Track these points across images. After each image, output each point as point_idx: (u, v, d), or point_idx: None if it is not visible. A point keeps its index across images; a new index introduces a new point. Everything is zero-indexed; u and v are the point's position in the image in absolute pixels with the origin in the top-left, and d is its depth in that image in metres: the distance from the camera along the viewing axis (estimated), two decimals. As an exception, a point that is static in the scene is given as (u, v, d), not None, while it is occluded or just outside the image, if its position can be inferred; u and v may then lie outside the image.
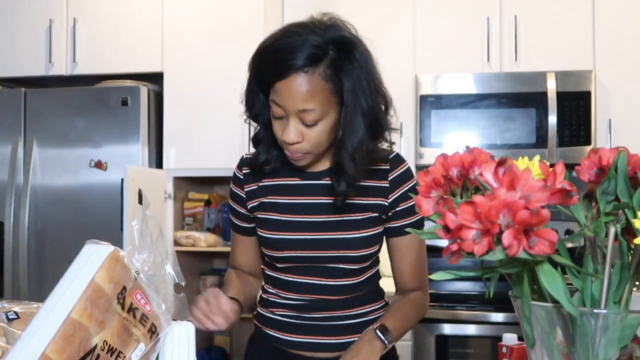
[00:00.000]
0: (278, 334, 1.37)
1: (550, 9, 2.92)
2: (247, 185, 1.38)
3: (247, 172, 1.38)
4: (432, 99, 2.88)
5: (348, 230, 1.30)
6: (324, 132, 1.21)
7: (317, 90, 1.16)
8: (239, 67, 2.90)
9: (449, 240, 0.60)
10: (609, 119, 2.84)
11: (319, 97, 1.17)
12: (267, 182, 1.36)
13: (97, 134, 2.92)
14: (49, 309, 0.77)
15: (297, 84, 1.16)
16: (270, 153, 1.32)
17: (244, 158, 1.41)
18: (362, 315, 1.36)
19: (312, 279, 1.33)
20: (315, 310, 1.34)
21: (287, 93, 1.17)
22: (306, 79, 1.16)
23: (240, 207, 1.40)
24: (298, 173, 1.34)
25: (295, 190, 1.34)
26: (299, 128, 1.20)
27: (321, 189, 1.32)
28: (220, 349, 3.19)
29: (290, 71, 1.15)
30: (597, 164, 0.67)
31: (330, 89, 1.18)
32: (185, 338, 0.94)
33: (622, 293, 0.65)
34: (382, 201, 1.32)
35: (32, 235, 2.96)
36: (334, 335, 1.34)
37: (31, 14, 3.13)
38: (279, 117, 1.22)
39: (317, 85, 1.16)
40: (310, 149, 1.23)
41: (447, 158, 0.66)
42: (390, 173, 1.32)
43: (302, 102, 1.16)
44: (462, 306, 2.59)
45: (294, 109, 1.18)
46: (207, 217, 3.17)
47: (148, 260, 0.88)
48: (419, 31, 3.00)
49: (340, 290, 1.33)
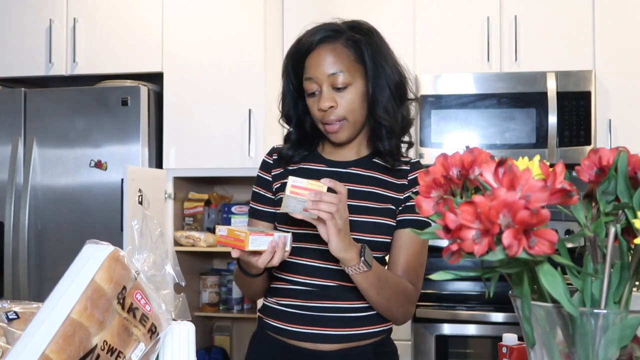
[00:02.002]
0: (281, 324, 1.39)
1: (550, 9, 2.92)
2: (274, 170, 1.47)
3: (277, 158, 1.48)
4: (432, 99, 2.88)
5: (363, 214, 1.37)
6: (355, 98, 1.35)
7: (342, 56, 1.35)
8: (239, 67, 2.94)
9: (449, 240, 0.60)
10: (609, 119, 2.84)
11: (345, 62, 1.34)
12: (294, 167, 1.46)
13: (97, 134, 2.92)
14: (49, 309, 0.77)
15: (323, 52, 1.35)
16: (296, 151, 1.45)
17: (275, 147, 1.51)
18: (364, 310, 1.37)
19: (320, 263, 1.36)
20: (319, 298, 1.36)
21: (316, 62, 1.35)
22: (330, 47, 1.35)
23: (266, 190, 1.47)
24: (325, 162, 1.45)
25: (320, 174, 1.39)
26: (331, 94, 1.34)
27: (346, 177, 1.41)
28: (220, 349, 3.19)
29: (314, 45, 1.36)
30: (597, 164, 0.67)
31: (353, 56, 1.35)
32: (185, 338, 0.94)
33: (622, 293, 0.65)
34: (399, 195, 1.41)
35: (32, 235, 2.96)
36: (336, 327, 1.36)
37: (31, 14, 3.13)
38: (312, 93, 1.36)
39: (340, 52, 1.35)
40: (344, 114, 1.35)
41: (447, 158, 0.66)
42: (410, 173, 1.43)
43: (331, 66, 1.34)
44: (462, 306, 2.59)
45: (325, 74, 1.34)
46: (207, 217, 3.17)
47: (148, 260, 0.88)
48: (419, 31, 3.00)
49: (346, 277, 1.34)
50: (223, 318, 3.31)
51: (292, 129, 1.47)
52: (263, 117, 2.89)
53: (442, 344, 2.58)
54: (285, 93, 1.45)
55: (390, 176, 1.42)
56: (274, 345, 1.41)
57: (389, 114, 1.37)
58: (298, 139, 1.46)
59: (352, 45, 1.36)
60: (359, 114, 1.37)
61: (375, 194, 1.40)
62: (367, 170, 1.42)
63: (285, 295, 1.40)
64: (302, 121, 1.45)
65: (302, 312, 1.37)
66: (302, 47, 1.37)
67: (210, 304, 3.17)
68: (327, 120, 1.36)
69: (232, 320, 3.34)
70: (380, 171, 1.42)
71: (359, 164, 1.43)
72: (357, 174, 1.42)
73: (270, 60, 2.93)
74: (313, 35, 1.36)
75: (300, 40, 1.39)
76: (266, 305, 1.46)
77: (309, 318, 1.37)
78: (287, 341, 1.39)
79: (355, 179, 1.41)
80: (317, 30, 1.37)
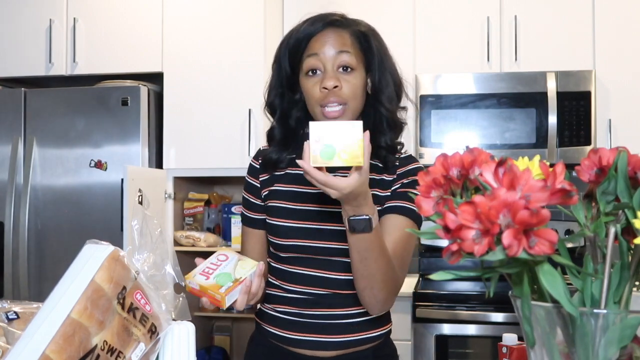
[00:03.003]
0: (279, 331, 1.38)
1: (550, 9, 2.92)
2: (262, 175, 1.42)
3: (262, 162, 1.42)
4: (432, 99, 2.88)
5: None
6: (358, 85, 1.30)
7: (350, 41, 1.31)
8: (239, 67, 2.94)
9: (449, 240, 0.60)
10: (609, 119, 2.84)
11: (353, 47, 1.31)
12: (281, 172, 1.40)
13: (97, 134, 2.92)
14: (49, 309, 0.77)
15: (332, 33, 1.31)
16: (281, 153, 1.38)
17: (260, 150, 1.45)
18: (361, 315, 1.36)
19: (313, 271, 1.34)
20: (316, 306, 1.35)
21: (325, 39, 1.30)
22: (338, 31, 1.32)
23: (255, 197, 1.43)
24: None
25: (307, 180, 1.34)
26: (336, 74, 1.29)
27: None
28: (220, 349, 3.19)
29: (324, 26, 1.31)
30: (597, 164, 0.67)
31: (359, 45, 1.32)
32: (185, 338, 0.94)
33: (622, 293, 0.65)
34: (387, 193, 1.35)
35: (32, 235, 2.96)
36: (334, 333, 1.34)
37: (31, 14, 3.13)
38: (314, 71, 1.30)
39: (347, 38, 1.32)
40: (347, 96, 1.29)
41: (447, 158, 0.66)
42: (400, 168, 1.37)
43: (340, 45, 1.30)
44: (462, 306, 2.59)
45: (333, 50, 1.29)
46: (207, 217, 3.17)
47: (148, 260, 0.88)
48: (419, 31, 3.00)
49: (341, 285, 1.33)
50: (223, 318, 3.31)
51: (275, 125, 1.40)
52: (263, 117, 2.87)
53: (442, 344, 2.57)
54: (273, 83, 1.39)
55: (382, 173, 1.37)
56: (273, 351, 1.39)
57: (392, 104, 1.34)
58: (282, 137, 1.39)
59: (359, 35, 1.33)
60: (360, 103, 1.32)
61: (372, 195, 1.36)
62: None
63: (282, 302, 1.38)
64: (287, 116, 1.38)
65: (299, 320, 1.36)
66: (304, 32, 1.32)
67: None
68: (327, 102, 1.28)
69: (232, 320, 3.34)
70: (374, 171, 1.36)
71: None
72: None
73: (270, 60, 2.91)
74: (317, 22, 1.32)
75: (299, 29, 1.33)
76: (263, 311, 1.44)
77: (306, 325, 1.35)
78: (285, 347, 1.37)
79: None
80: (319, 17, 1.33)
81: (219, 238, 3.05)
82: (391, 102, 1.33)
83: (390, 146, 1.36)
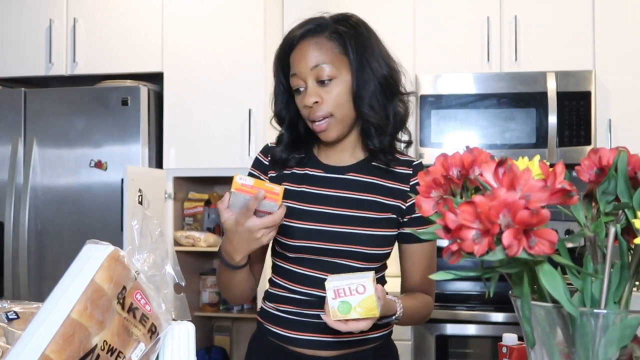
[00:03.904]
0: (280, 330, 1.38)
1: (550, 9, 2.92)
2: (270, 172, 1.42)
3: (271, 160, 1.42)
4: (432, 99, 2.88)
5: (362, 226, 1.32)
6: (342, 92, 1.30)
7: (326, 48, 1.30)
8: (239, 67, 2.94)
9: (449, 240, 0.60)
10: (609, 119, 2.84)
11: (329, 54, 1.29)
12: (287, 170, 1.40)
13: (97, 134, 2.92)
14: (49, 309, 0.77)
15: (305, 46, 1.31)
16: (289, 154, 1.39)
17: (268, 146, 1.44)
18: None
19: (320, 273, 1.34)
20: (317, 307, 1.34)
21: (300, 57, 1.31)
22: (313, 41, 1.31)
23: None
24: (322, 166, 1.39)
25: (317, 181, 1.37)
26: (316, 89, 1.29)
27: (343, 183, 1.36)
28: (220, 349, 3.19)
29: (297, 39, 1.32)
30: (597, 164, 0.67)
31: (338, 48, 1.30)
32: (185, 338, 0.94)
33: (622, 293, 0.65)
34: (401, 204, 1.36)
35: (32, 235, 2.96)
36: (335, 333, 1.34)
37: (31, 14, 3.13)
38: (298, 89, 1.32)
39: (324, 44, 1.30)
40: (330, 109, 1.29)
41: (447, 158, 0.66)
42: (413, 178, 1.37)
43: (314, 59, 1.29)
44: (462, 306, 2.59)
45: (308, 67, 1.29)
46: (207, 217, 3.17)
47: (148, 260, 0.88)
48: (419, 31, 3.00)
49: None
50: (223, 318, 3.31)
51: (284, 131, 1.41)
52: (263, 117, 2.88)
53: (442, 344, 2.58)
54: (277, 93, 1.40)
55: (391, 180, 1.36)
56: (274, 350, 1.39)
57: (374, 110, 1.31)
58: (291, 141, 1.40)
59: (337, 38, 1.30)
60: (347, 109, 1.31)
61: (375, 202, 1.35)
62: (366, 176, 1.37)
63: (284, 302, 1.38)
64: (295, 123, 1.39)
65: (301, 319, 1.36)
66: (286, 43, 1.34)
67: (210, 304, 3.17)
68: (313, 117, 1.30)
69: (232, 320, 3.34)
70: (380, 176, 1.37)
71: (357, 169, 1.38)
72: (354, 180, 1.36)
73: (270, 60, 2.91)
74: (297, 30, 1.33)
75: (283, 42, 1.36)
76: (265, 310, 1.44)
77: (308, 325, 1.35)
78: (286, 347, 1.37)
79: (352, 186, 1.36)
80: (301, 25, 1.33)
81: (219, 238, 3.05)
82: (372, 108, 1.31)
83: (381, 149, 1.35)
